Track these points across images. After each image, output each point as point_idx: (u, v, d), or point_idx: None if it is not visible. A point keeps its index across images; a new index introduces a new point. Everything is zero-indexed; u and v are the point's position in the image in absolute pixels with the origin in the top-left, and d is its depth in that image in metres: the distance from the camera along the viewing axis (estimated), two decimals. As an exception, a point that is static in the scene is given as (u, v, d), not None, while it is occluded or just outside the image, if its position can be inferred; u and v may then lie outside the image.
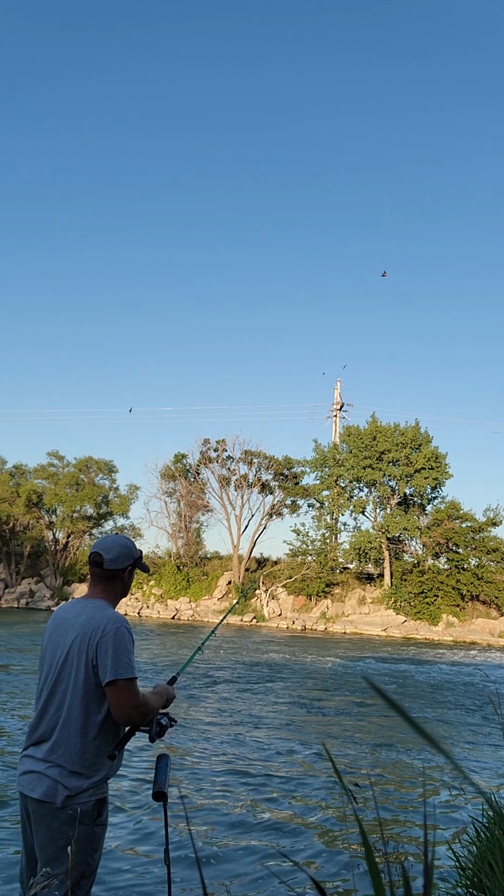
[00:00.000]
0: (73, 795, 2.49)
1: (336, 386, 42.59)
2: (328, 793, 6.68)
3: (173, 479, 39.16)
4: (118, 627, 2.62)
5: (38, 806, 2.52)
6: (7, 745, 7.85)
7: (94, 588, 2.81)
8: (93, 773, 2.54)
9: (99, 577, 2.81)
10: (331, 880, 4.73)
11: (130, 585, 2.91)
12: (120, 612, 3.13)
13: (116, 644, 2.58)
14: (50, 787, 2.51)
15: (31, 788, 2.54)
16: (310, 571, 34.97)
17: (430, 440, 35.33)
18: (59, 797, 2.48)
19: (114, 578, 2.81)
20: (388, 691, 4.54)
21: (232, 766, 7.53)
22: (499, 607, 32.77)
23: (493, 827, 3.48)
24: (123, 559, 2.81)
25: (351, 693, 13.34)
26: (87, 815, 2.50)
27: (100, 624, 2.62)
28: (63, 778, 2.50)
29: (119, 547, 2.81)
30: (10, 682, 12.52)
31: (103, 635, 2.59)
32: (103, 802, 2.59)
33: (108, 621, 2.63)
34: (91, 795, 2.53)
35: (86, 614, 2.68)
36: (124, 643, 2.60)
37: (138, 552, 2.90)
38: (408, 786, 7.09)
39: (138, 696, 2.58)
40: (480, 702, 12.99)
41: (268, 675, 15.54)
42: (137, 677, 2.62)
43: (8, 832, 5.22)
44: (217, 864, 4.88)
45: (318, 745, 8.59)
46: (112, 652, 2.56)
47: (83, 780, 2.52)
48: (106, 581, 2.81)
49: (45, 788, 2.51)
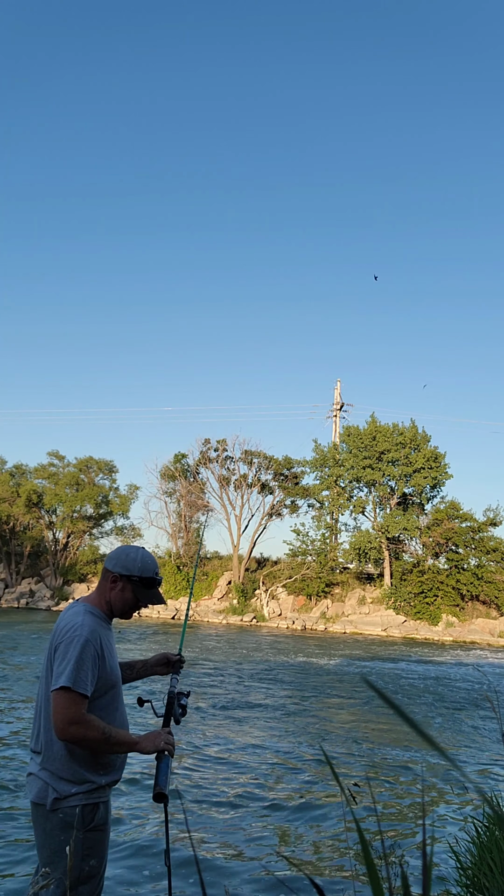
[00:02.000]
0: (62, 798, 2.42)
1: (336, 386, 42.67)
2: (327, 793, 6.67)
3: (173, 479, 39.16)
4: (78, 635, 2.43)
5: (33, 808, 2.49)
6: (5, 750, 7.85)
7: (95, 587, 2.75)
8: (80, 780, 2.44)
9: (101, 574, 2.72)
10: (329, 881, 4.73)
11: (120, 604, 2.64)
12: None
13: (66, 651, 2.40)
14: (41, 790, 2.45)
15: (28, 790, 2.52)
16: (310, 571, 34.97)
17: (429, 440, 35.38)
18: (49, 800, 2.42)
19: (104, 577, 2.67)
20: (386, 692, 4.53)
21: (231, 766, 7.52)
22: (499, 607, 32.77)
23: (493, 827, 3.48)
24: (115, 563, 2.64)
25: (350, 693, 13.34)
26: (77, 820, 2.41)
27: (64, 628, 2.48)
28: (52, 781, 2.43)
29: (120, 553, 2.68)
30: (10, 683, 12.51)
31: (61, 640, 2.45)
32: (96, 808, 2.46)
33: (71, 627, 2.47)
34: (81, 800, 2.43)
35: (61, 618, 2.57)
36: (75, 651, 2.39)
37: (140, 574, 2.63)
38: (406, 786, 7.08)
39: (77, 712, 2.33)
40: (480, 702, 12.99)
41: (267, 675, 15.54)
42: (82, 693, 2.36)
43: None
44: (216, 865, 4.87)
45: (316, 746, 8.59)
46: (61, 659, 2.40)
47: (70, 785, 2.43)
48: (101, 579, 2.69)
49: (37, 790, 2.46)
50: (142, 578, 2.64)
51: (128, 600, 2.65)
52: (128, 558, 2.64)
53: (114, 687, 2.55)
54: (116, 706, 2.57)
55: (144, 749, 2.51)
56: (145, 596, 2.66)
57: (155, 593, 2.69)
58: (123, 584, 2.63)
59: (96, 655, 2.45)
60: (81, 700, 2.35)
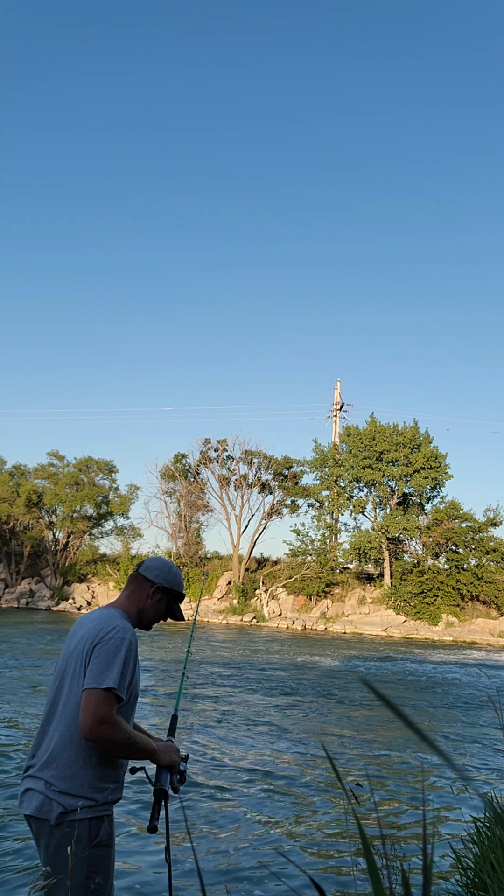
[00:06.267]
0: (68, 812, 2.31)
1: (336, 386, 42.67)
2: (328, 792, 6.67)
3: (173, 479, 39.17)
4: (122, 637, 2.41)
5: (34, 823, 2.38)
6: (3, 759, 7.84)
7: (121, 594, 2.71)
8: (88, 793, 2.35)
9: (130, 579, 2.71)
10: (330, 880, 4.73)
11: (153, 613, 2.67)
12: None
13: (110, 652, 2.37)
14: (43, 804, 2.34)
15: (26, 804, 2.39)
16: (310, 571, 34.98)
17: (431, 440, 35.36)
18: (54, 814, 2.31)
19: (141, 586, 2.67)
20: (386, 692, 4.55)
21: (231, 765, 7.52)
22: (499, 607, 32.77)
23: (494, 826, 3.48)
24: (157, 574, 2.68)
25: (351, 693, 13.33)
26: (83, 836, 2.32)
27: (104, 629, 2.44)
28: (57, 795, 2.33)
29: (163, 564, 2.72)
30: (9, 685, 12.51)
31: (101, 640, 2.40)
32: (101, 822, 2.38)
33: (114, 629, 2.44)
34: (87, 814, 2.34)
35: (96, 620, 2.52)
36: (120, 653, 2.38)
37: (179, 588, 2.71)
38: (408, 786, 7.08)
39: (109, 712, 2.30)
40: (480, 702, 12.98)
41: (267, 674, 15.54)
42: (119, 695, 2.35)
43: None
44: (216, 864, 4.87)
45: (317, 745, 8.59)
46: (103, 659, 2.36)
47: (76, 798, 2.33)
48: (134, 585, 2.68)
49: (38, 804, 2.35)
50: (179, 594, 2.74)
51: (161, 612, 2.71)
52: (170, 572, 2.71)
53: (136, 697, 2.54)
54: (132, 716, 2.54)
55: (160, 760, 2.52)
56: (176, 610, 2.74)
57: (180, 609, 2.77)
58: (162, 595, 2.69)
59: (133, 662, 2.45)
60: (116, 702, 2.34)
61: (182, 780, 2.61)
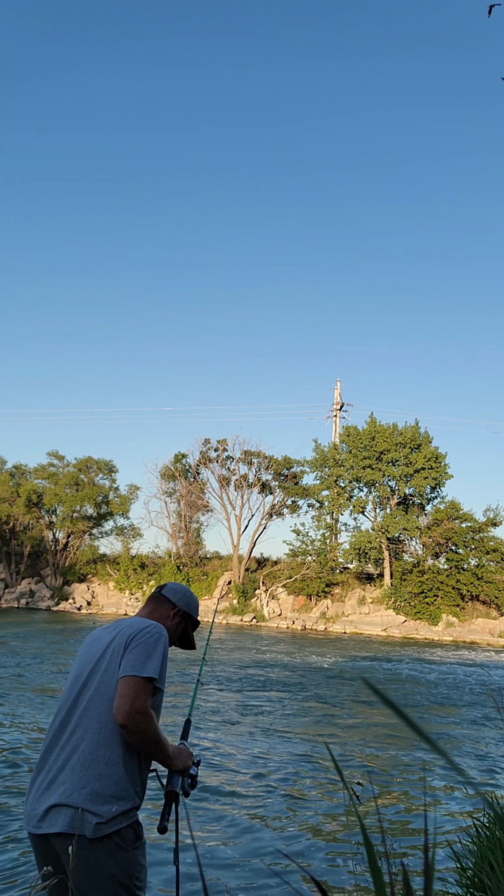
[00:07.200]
0: (105, 823, 2.20)
1: (336, 386, 42.68)
2: (330, 791, 6.68)
3: (173, 479, 39.17)
4: (160, 633, 2.48)
5: (60, 842, 2.21)
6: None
7: (141, 610, 2.78)
8: (124, 795, 2.27)
9: (151, 599, 2.79)
10: (332, 879, 4.73)
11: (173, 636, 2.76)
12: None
13: (149, 645, 2.41)
14: (74, 819, 2.19)
15: (53, 822, 2.22)
16: (310, 571, 34.98)
17: (431, 440, 35.36)
18: (90, 826, 2.18)
19: (162, 605, 2.76)
20: (386, 692, 4.55)
21: (232, 765, 7.53)
22: (499, 607, 32.78)
23: (494, 827, 3.49)
24: (180, 598, 2.78)
25: (352, 693, 13.34)
26: (125, 841, 2.25)
27: (142, 625, 2.50)
28: (90, 804, 2.20)
29: (185, 590, 2.83)
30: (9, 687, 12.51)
31: (139, 634, 2.44)
32: (137, 826, 2.35)
33: (151, 625, 2.51)
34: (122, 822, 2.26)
35: (130, 622, 2.57)
36: (160, 648, 2.42)
37: (195, 615, 2.82)
38: (409, 785, 7.09)
39: (147, 703, 2.29)
40: (481, 701, 12.99)
41: (268, 674, 15.55)
42: (158, 687, 2.39)
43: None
44: (218, 864, 4.88)
45: (319, 744, 8.60)
46: (142, 650, 2.39)
47: (112, 803, 2.24)
48: (155, 603, 2.77)
49: (68, 821, 2.20)
50: (195, 621, 2.86)
51: (177, 635, 2.80)
52: (191, 599, 2.83)
53: (161, 700, 2.57)
54: (158, 716, 2.54)
55: (175, 765, 2.52)
56: (190, 637, 2.84)
57: (193, 638, 2.87)
58: (181, 619, 2.79)
59: (166, 661, 2.50)
60: (153, 693, 2.36)
61: (193, 784, 2.63)
